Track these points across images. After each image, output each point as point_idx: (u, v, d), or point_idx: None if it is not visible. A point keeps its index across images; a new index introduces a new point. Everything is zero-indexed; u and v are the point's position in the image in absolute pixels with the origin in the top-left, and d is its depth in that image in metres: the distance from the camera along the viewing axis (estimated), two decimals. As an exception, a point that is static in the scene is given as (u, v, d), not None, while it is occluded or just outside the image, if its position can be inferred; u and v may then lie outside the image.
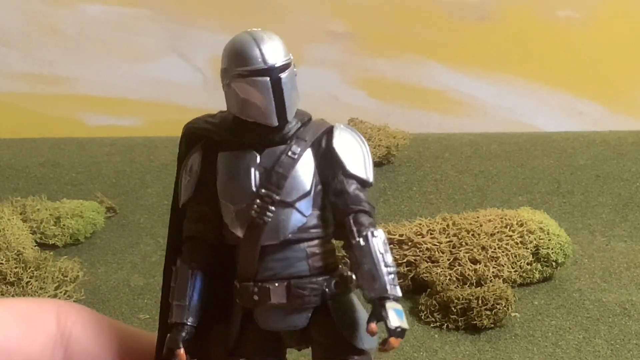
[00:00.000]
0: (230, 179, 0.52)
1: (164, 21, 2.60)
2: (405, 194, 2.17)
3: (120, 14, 2.71)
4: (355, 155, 0.54)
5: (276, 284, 0.52)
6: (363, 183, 0.54)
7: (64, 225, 1.95)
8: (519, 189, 2.19)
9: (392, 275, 0.53)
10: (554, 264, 1.76)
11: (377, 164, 2.26)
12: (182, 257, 0.54)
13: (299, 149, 0.52)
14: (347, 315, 0.53)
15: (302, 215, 0.52)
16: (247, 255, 0.52)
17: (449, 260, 1.71)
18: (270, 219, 0.51)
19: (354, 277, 0.54)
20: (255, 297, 0.52)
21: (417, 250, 1.72)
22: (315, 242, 0.53)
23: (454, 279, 1.67)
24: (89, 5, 2.73)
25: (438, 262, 1.70)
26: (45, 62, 2.76)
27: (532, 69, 2.78)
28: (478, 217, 1.79)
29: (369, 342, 0.53)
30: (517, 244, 1.74)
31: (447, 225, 1.77)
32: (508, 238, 1.74)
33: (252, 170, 0.52)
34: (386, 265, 0.52)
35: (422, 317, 1.64)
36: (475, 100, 2.81)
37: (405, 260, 1.71)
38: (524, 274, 1.74)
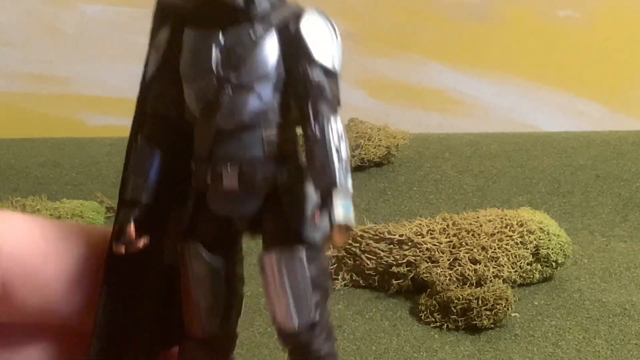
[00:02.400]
0: (192, 57, 0.50)
1: (164, 21, 2.60)
2: (405, 194, 2.17)
3: (120, 13, 2.70)
4: (323, 42, 0.50)
5: (229, 168, 0.50)
6: (328, 72, 0.50)
7: (64, 225, 1.95)
8: (519, 189, 2.19)
9: (345, 166, 0.50)
10: (554, 264, 1.76)
11: (377, 164, 2.26)
12: (143, 133, 0.51)
13: (262, 30, 0.50)
14: (298, 204, 0.50)
15: (260, 99, 0.50)
16: (202, 135, 0.50)
17: (449, 260, 1.71)
18: (226, 100, 0.49)
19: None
20: (208, 180, 0.50)
21: (417, 251, 1.72)
22: (273, 128, 0.50)
23: (454, 279, 1.67)
24: (89, 5, 2.73)
25: (438, 262, 1.70)
26: (45, 62, 2.76)
27: (532, 68, 2.78)
28: (478, 217, 1.79)
29: (319, 235, 0.50)
30: (517, 244, 1.74)
31: (447, 226, 1.77)
32: (508, 238, 1.74)
33: (213, 49, 0.49)
34: (339, 156, 0.49)
35: (422, 317, 1.63)
36: (475, 100, 2.81)
37: (405, 261, 1.71)
38: (524, 274, 1.74)
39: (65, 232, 0.52)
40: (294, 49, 0.50)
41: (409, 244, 1.73)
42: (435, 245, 1.73)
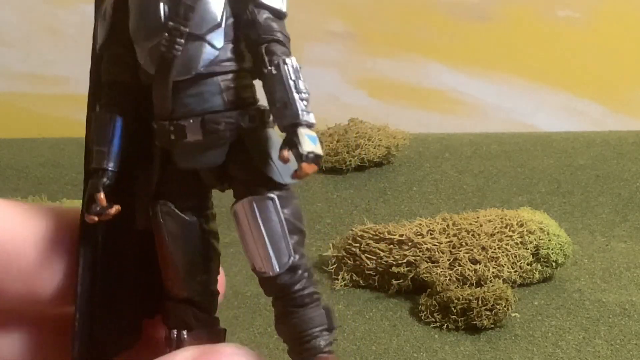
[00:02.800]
0: (140, 15, 0.49)
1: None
2: (405, 194, 2.17)
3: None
4: None
5: (191, 121, 0.49)
6: (277, 13, 0.50)
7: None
8: (519, 189, 2.19)
9: (305, 102, 0.48)
10: (554, 264, 1.76)
11: (377, 164, 2.26)
12: (101, 102, 0.51)
13: None
14: (264, 149, 0.50)
15: (213, 48, 0.49)
16: (160, 92, 0.49)
17: (449, 260, 1.71)
18: (179, 53, 0.48)
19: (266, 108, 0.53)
20: (172, 136, 0.49)
21: (417, 251, 1.72)
22: (230, 75, 0.50)
23: (454, 279, 1.67)
24: (89, 5, 2.73)
25: (438, 263, 1.70)
26: (46, 62, 2.76)
27: (532, 68, 2.78)
28: (478, 218, 1.79)
29: (287, 177, 0.49)
30: (517, 244, 1.74)
31: (447, 226, 1.77)
32: (508, 238, 1.74)
33: (161, 3, 0.48)
34: (298, 92, 0.48)
35: (422, 318, 1.63)
36: (475, 100, 2.81)
37: (405, 261, 1.71)
38: (524, 274, 1.74)
39: (42, 215, 0.52)
40: None
41: (409, 244, 1.73)
42: (435, 245, 1.73)
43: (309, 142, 0.48)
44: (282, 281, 0.50)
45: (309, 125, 0.48)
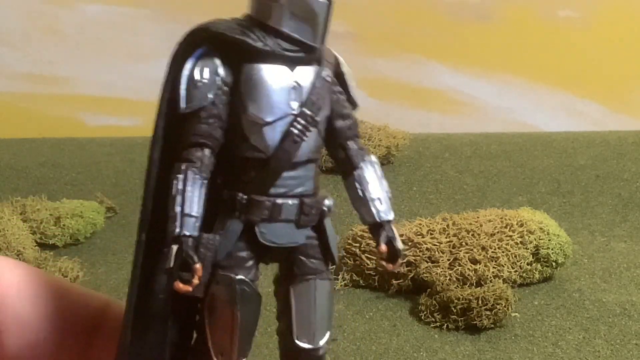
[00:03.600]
0: (261, 91, 0.51)
1: (163, 21, 2.60)
2: (405, 194, 2.17)
3: (120, 13, 2.70)
4: (353, 81, 0.54)
5: (289, 201, 0.51)
6: (355, 107, 0.55)
7: (64, 225, 1.95)
8: (519, 189, 2.19)
9: (390, 200, 0.54)
10: (554, 264, 1.76)
11: (377, 164, 2.26)
12: (193, 164, 0.51)
13: (330, 73, 0.52)
14: (332, 234, 0.54)
15: (320, 136, 0.52)
16: (273, 170, 0.51)
17: (449, 260, 1.71)
18: (307, 139, 0.51)
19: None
20: (266, 212, 0.51)
21: (417, 250, 1.72)
22: (318, 162, 0.53)
23: (454, 279, 1.67)
24: (89, 5, 2.73)
25: (438, 262, 1.70)
26: (45, 62, 2.76)
27: (533, 68, 2.78)
28: (478, 217, 1.79)
29: (336, 255, 0.54)
30: (517, 244, 1.74)
31: (447, 225, 1.77)
32: (508, 238, 1.74)
33: (288, 86, 0.50)
34: (387, 190, 0.54)
35: (422, 317, 1.63)
36: (475, 100, 2.81)
37: (405, 260, 1.71)
38: (524, 274, 1.74)
39: (59, 289, 0.52)
40: (336, 88, 0.53)
41: (409, 243, 1.73)
42: (435, 245, 1.73)
43: (399, 239, 0.53)
44: (319, 353, 0.53)
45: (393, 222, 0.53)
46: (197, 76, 0.52)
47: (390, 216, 0.52)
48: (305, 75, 0.51)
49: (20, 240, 1.77)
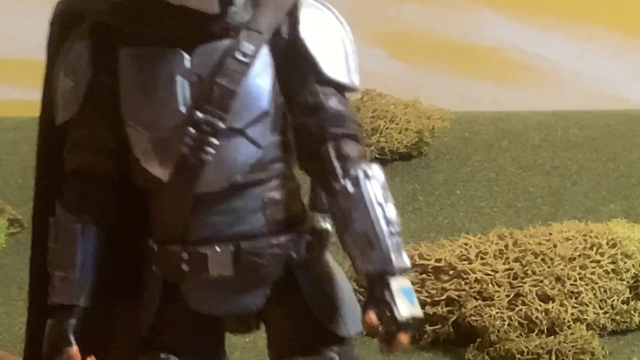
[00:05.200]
0: (142, 90, 0.49)
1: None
2: (444, 200, 2.17)
3: None
4: (332, 47, 0.51)
5: (217, 249, 0.50)
6: (344, 89, 0.52)
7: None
8: (609, 192, 2.20)
9: (397, 238, 0.51)
10: (662, 302, 1.77)
11: (404, 157, 2.26)
12: (66, 204, 0.50)
13: (252, 46, 0.49)
14: (323, 288, 0.52)
15: (256, 146, 0.50)
16: (172, 206, 0.49)
17: (508, 296, 1.71)
18: (210, 158, 0.48)
19: (329, 228, 0.52)
20: (185, 267, 0.50)
21: (462, 283, 1.73)
22: (275, 182, 0.51)
23: (516, 324, 1.68)
24: None
25: (493, 300, 1.70)
26: None
27: (628, 18, 2.79)
28: (551, 235, 1.79)
29: (354, 326, 0.52)
30: (607, 273, 1.74)
31: (506, 246, 1.77)
32: (595, 264, 1.74)
33: (179, 79, 0.48)
34: (388, 223, 0.50)
35: (470, 380, 1.64)
36: (545, 64, 2.82)
37: (444, 297, 1.72)
38: (618, 317, 1.74)
39: None
40: (295, 61, 0.51)
41: (450, 272, 1.74)
42: (488, 274, 1.73)
43: (405, 302, 0.49)
44: None
45: (403, 273, 0.49)
46: (63, 75, 0.51)
47: (388, 266, 0.50)
48: (207, 57, 0.49)
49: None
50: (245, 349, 1.54)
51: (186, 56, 0.48)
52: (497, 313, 1.69)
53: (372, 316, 0.48)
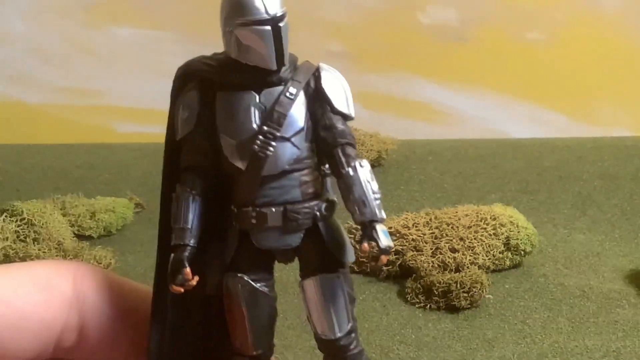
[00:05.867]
0: (230, 116, 0.51)
1: (183, 42, 2.61)
2: (393, 192, 2.17)
3: (146, 35, 2.71)
4: (339, 94, 0.53)
5: (273, 209, 0.51)
6: (346, 117, 0.53)
7: (98, 219, 1.96)
8: (492, 187, 2.19)
9: (378, 201, 0.52)
10: (522, 252, 1.77)
11: (371, 166, 2.26)
12: (183, 185, 0.52)
13: (295, 90, 0.51)
14: (334, 235, 0.53)
15: (297, 148, 0.51)
16: (247, 184, 0.51)
17: (431, 249, 1.71)
18: (271, 153, 0.50)
19: (335, 200, 0.54)
20: (253, 221, 0.51)
21: (404, 241, 1.73)
22: (306, 171, 0.52)
23: (436, 265, 1.68)
24: (120, 28, 2.74)
25: (422, 251, 1.70)
26: (82, 77, 2.77)
27: (504, 83, 2.78)
28: (457, 212, 1.79)
29: (350, 257, 0.53)
30: (490, 235, 1.74)
31: (430, 219, 1.77)
32: (483, 230, 1.75)
33: (252, 108, 0.50)
34: (373, 192, 0.52)
35: (408, 299, 1.64)
36: (454, 111, 2.82)
37: (393, 250, 1.71)
38: (497, 262, 1.74)
39: (126, 288, 0.54)
40: (318, 101, 0.52)
41: (397, 235, 1.74)
42: (419, 236, 1.73)
43: (384, 237, 0.51)
44: (341, 343, 0.52)
45: (382, 221, 0.51)
46: (185, 108, 0.52)
47: (375, 217, 0.51)
48: (269, 96, 0.51)
49: (61, 232, 1.78)
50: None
51: (256, 95, 0.51)
52: (424, 259, 1.68)
53: (365, 246, 0.50)
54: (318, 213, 0.52)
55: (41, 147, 2.54)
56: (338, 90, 0.53)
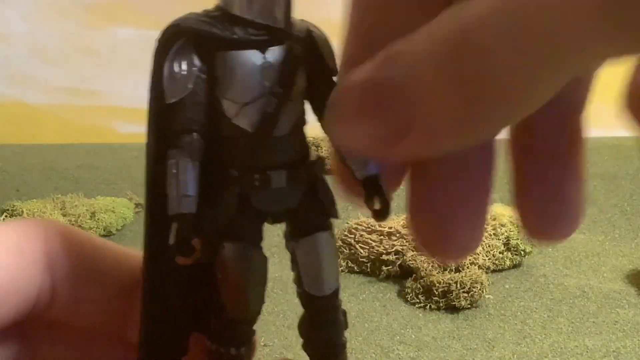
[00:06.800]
0: (234, 76, 0.47)
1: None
2: (395, 194, 2.16)
3: (147, 36, 2.70)
4: (330, 52, 0.49)
5: (277, 171, 0.49)
6: (335, 72, 0.49)
7: (98, 219, 1.96)
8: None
9: None
10: (522, 252, 1.76)
11: (370, 166, 2.25)
12: (183, 151, 0.49)
13: (300, 47, 0.48)
14: (328, 192, 0.51)
15: (300, 107, 0.49)
16: (253, 146, 0.48)
17: (431, 249, 1.70)
18: (281, 114, 0.47)
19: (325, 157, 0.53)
20: (257, 183, 0.49)
21: (404, 241, 1.72)
22: (304, 131, 0.50)
23: (436, 265, 1.67)
24: (120, 28, 2.74)
25: (422, 251, 1.70)
26: (82, 77, 2.77)
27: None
28: (457, 212, 1.78)
29: (339, 213, 0.52)
30: (490, 235, 1.74)
31: (430, 219, 1.77)
32: (483, 230, 1.74)
33: (259, 68, 0.47)
34: None
35: (408, 299, 1.64)
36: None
37: (393, 249, 1.71)
38: (497, 262, 1.74)
39: (98, 246, 0.52)
40: (314, 59, 0.49)
41: (397, 235, 1.73)
42: (419, 236, 1.72)
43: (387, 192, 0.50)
44: (328, 301, 0.52)
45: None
46: (176, 69, 0.48)
47: (376, 171, 0.49)
48: (275, 55, 0.47)
49: (61, 232, 1.77)
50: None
51: (261, 54, 0.49)
52: (424, 259, 1.68)
53: (376, 201, 0.50)
54: (317, 172, 0.50)
55: (41, 147, 2.54)
56: (328, 48, 0.50)
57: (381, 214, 0.50)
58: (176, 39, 0.48)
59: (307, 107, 0.54)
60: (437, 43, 0.29)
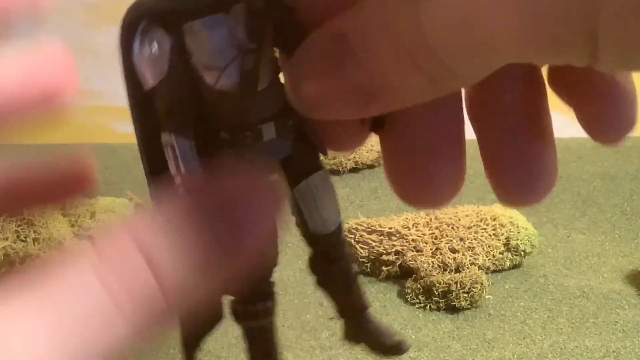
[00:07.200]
0: (206, 44, 0.46)
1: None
2: (394, 192, 2.16)
3: (147, 36, 2.71)
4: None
5: (266, 123, 0.48)
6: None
7: (98, 219, 1.95)
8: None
9: None
10: (522, 253, 1.76)
11: (370, 166, 2.25)
12: (178, 131, 0.48)
13: (262, 1, 0.46)
14: (314, 133, 0.51)
15: (273, 56, 0.48)
16: (240, 105, 0.47)
17: (431, 249, 1.71)
18: (261, 68, 0.46)
19: None
20: (248, 140, 0.48)
21: (404, 241, 1.72)
22: (279, 79, 0.49)
23: (436, 266, 1.67)
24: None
25: (422, 251, 1.70)
26: (82, 77, 2.75)
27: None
28: (457, 213, 1.79)
29: (327, 150, 0.52)
30: (490, 235, 1.74)
31: (430, 220, 1.77)
32: (483, 230, 1.74)
33: (227, 29, 0.45)
34: None
35: (408, 299, 1.64)
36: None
37: (393, 250, 1.71)
38: (497, 262, 1.74)
39: None
40: (276, 6, 0.47)
41: (397, 235, 1.73)
42: (419, 236, 1.73)
43: None
44: (333, 238, 0.53)
45: None
46: (146, 52, 0.47)
47: None
48: (240, 12, 0.46)
49: (61, 232, 1.77)
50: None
51: (226, 15, 0.47)
52: (424, 259, 1.68)
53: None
54: (300, 116, 0.49)
55: (42, 147, 2.54)
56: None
57: (379, 122, 0.49)
58: (138, 22, 0.47)
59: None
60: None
